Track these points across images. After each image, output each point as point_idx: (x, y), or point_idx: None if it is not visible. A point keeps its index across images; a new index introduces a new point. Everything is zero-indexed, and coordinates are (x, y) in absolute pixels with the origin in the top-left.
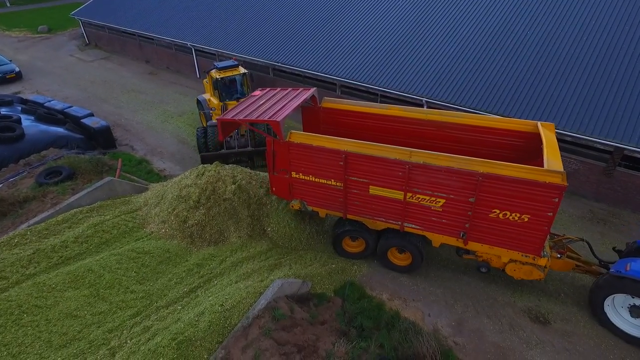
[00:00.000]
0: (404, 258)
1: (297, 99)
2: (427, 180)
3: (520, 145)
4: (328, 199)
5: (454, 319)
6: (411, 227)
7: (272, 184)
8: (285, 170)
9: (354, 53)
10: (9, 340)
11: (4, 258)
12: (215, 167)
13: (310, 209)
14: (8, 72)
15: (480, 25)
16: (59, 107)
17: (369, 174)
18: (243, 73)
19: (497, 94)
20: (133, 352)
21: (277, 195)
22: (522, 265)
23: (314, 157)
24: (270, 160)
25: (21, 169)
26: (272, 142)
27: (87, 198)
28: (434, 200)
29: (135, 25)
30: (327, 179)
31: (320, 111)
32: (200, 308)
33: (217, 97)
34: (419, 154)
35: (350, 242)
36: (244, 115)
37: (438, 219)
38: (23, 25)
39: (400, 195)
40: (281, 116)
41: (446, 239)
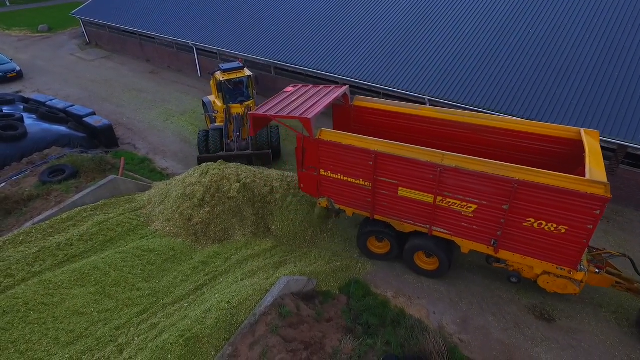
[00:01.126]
0: (430, 262)
1: (329, 96)
2: (459, 185)
3: (558, 152)
4: (356, 198)
5: (458, 317)
6: (440, 232)
7: (301, 181)
8: (314, 168)
9: (356, 51)
10: (17, 338)
11: (10, 256)
12: (219, 166)
13: (337, 207)
14: (9, 71)
15: (484, 23)
16: (61, 106)
17: (399, 175)
18: (248, 75)
19: (500, 91)
20: (141, 349)
21: (305, 192)
22: (557, 279)
23: (343, 155)
24: (299, 157)
25: (24, 168)
26: (302, 139)
27: (91, 196)
28: (465, 206)
29: (136, 24)
30: (356, 178)
31: (352, 110)
32: (206, 305)
33: (221, 99)
34: (451, 157)
35: (375, 243)
36: (276, 111)
37: (468, 225)
38: (23, 25)
39: (430, 198)
40: (312, 113)
41: (476, 246)
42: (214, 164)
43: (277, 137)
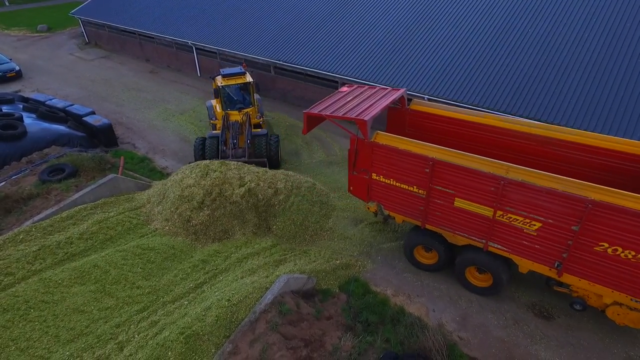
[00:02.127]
0: (483, 279)
1: (386, 98)
2: (523, 200)
3: (637, 171)
4: (407, 205)
5: (458, 314)
6: (496, 248)
7: (350, 183)
8: (366, 171)
9: (355, 51)
10: (17, 335)
11: (10, 254)
12: (220, 167)
13: (386, 213)
14: (8, 71)
15: (483, 22)
16: (61, 105)
17: (457, 185)
18: (249, 82)
19: (499, 90)
20: (141, 346)
21: (354, 195)
22: (629, 311)
23: (398, 160)
24: (351, 159)
25: (24, 167)
26: (356, 141)
27: (91, 195)
28: (529, 223)
29: (136, 23)
30: (410, 184)
31: (407, 113)
32: (207, 303)
33: (220, 105)
34: (517, 170)
35: (423, 252)
36: (331, 111)
37: (530, 244)
38: (22, 24)
39: (489, 212)
40: (369, 115)
41: (536, 267)
42: (215, 163)
43: (276, 146)
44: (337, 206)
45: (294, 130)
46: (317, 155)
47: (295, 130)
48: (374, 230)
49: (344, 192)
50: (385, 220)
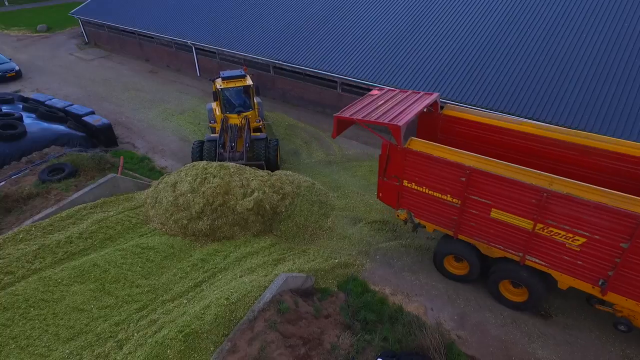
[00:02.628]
0: (518, 293)
1: (419, 103)
2: (567, 214)
3: None
4: (440, 214)
5: (456, 313)
6: (534, 262)
7: (380, 190)
8: (397, 178)
9: (354, 51)
10: (17, 334)
11: (10, 253)
12: (219, 172)
13: (417, 222)
14: (8, 71)
15: (481, 22)
16: (60, 105)
17: (494, 195)
18: (249, 85)
19: (497, 90)
20: (140, 344)
21: (383, 202)
22: None
23: (432, 168)
24: (382, 165)
25: (23, 167)
26: (388, 147)
27: (91, 195)
28: (572, 238)
29: (135, 23)
30: (443, 193)
31: (440, 118)
32: (205, 302)
33: (220, 108)
34: (561, 182)
35: (453, 262)
36: (362, 115)
37: (572, 259)
38: (22, 24)
39: (528, 224)
40: (403, 121)
41: (578, 283)
42: (213, 165)
43: (275, 150)
44: (336, 206)
45: (293, 130)
46: (316, 155)
47: (294, 130)
48: (373, 230)
49: (343, 192)
50: (415, 228)
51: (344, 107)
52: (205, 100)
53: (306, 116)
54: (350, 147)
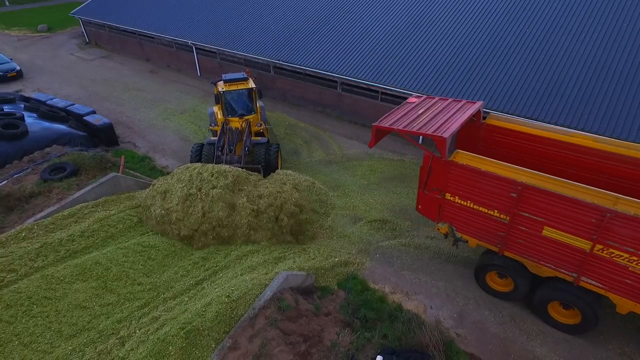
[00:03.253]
0: (569, 315)
1: (462, 112)
2: (633, 236)
3: None
4: (485, 230)
5: (455, 311)
6: (590, 284)
7: (420, 202)
8: (439, 191)
9: (354, 51)
10: (20, 331)
11: (12, 251)
12: (217, 180)
13: (459, 236)
14: (9, 71)
15: (481, 22)
16: (61, 105)
17: (548, 213)
18: (251, 88)
19: (496, 90)
20: (142, 341)
21: (422, 214)
22: None
23: (479, 182)
24: (423, 177)
25: (25, 166)
26: (431, 158)
27: (92, 193)
28: (636, 261)
29: (136, 23)
30: (490, 208)
31: (482, 128)
32: (207, 299)
33: (221, 111)
34: (628, 202)
35: (496, 279)
36: (403, 124)
37: (635, 283)
38: (23, 24)
39: (586, 245)
40: (448, 132)
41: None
42: (208, 170)
43: (276, 155)
44: (336, 205)
45: (293, 129)
46: (316, 154)
47: (294, 129)
48: (373, 229)
49: (342, 191)
50: (455, 242)
51: (344, 107)
52: (206, 100)
53: (306, 116)
54: (350, 147)
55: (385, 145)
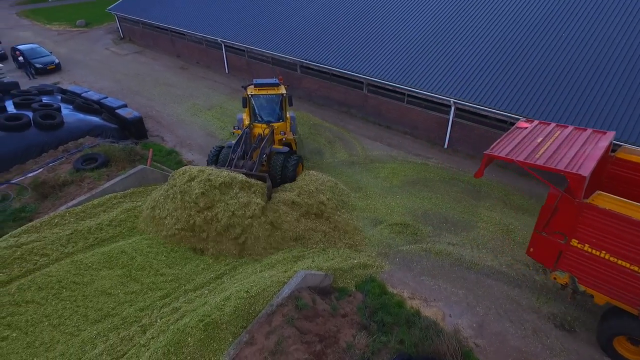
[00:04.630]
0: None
1: (593, 144)
2: None
3: None
4: (622, 287)
5: (475, 321)
6: None
7: (533, 244)
8: (563, 235)
9: (382, 53)
10: (50, 312)
11: (45, 236)
12: (218, 193)
13: (582, 289)
14: (49, 64)
15: (514, 25)
16: (95, 98)
17: None
18: (281, 94)
19: (529, 95)
20: (163, 330)
21: (533, 258)
22: None
23: (623, 231)
24: (544, 217)
25: (60, 155)
26: (559, 197)
27: (121, 184)
28: None
29: (168, 20)
30: (634, 263)
31: (610, 162)
32: (226, 293)
33: (248, 116)
34: None
35: (628, 345)
36: (522, 155)
37: None
38: (63, 19)
39: None
40: (587, 169)
41: None
42: (206, 175)
43: (294, 168)
44: (357, 206)
45: (317, 129)
46: (339, 155)
47: (318, 129)
48: (393, 232)
49: (364, 193)
50: (574, 295)
51: (369, 108)
52: (233, 98)
53: (331, 116)
54: (374, 148)
55: (409, 148)
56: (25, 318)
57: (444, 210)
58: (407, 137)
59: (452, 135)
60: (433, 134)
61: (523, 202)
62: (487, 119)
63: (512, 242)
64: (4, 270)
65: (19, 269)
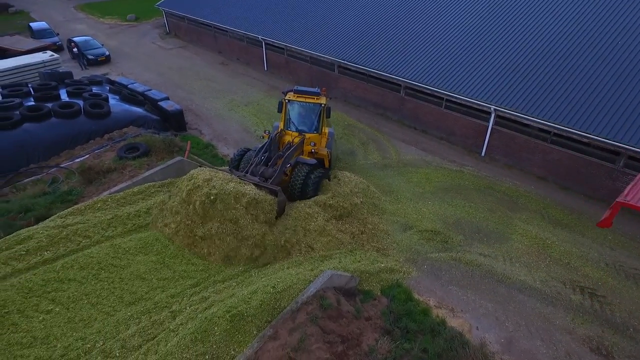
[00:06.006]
0: None
1: None
2: None
3: None
4: None
5: (503, 336)
6: None
7: None
8: None
9: (421, 56)
10: (89, 291)
11: (88, 219)
12: (223, 208)
13: None
14: (100, 55)
15: (563, 33)
16: (140, 90)
17: None
18: (320, 104)
19: (576, 105)
20: (191, 317)
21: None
22: None
23: None
24: None
25: (105, 143)
26: None
27: (160, 174)
28: None
29: (212, 17)
30: None
31: None
32: (253, 287)
33: (282, 122)
34: None
35: None
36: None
37: None
38: (115, 13)
39: None
40: None
41: None
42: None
43: (316, 185)
44: (388, 210)
45: (351, 130)
46: (372, 156)
47: (352, 130)
48: (423, 239)
49: (395, 197)
50: None
51: (405, 112)
52: (270, 95)
53: (366, 117)
54: (407, 152)
55: (445, 154)
56: (67, 295)
57: (477, 220)
58: (443, 143)
59: (491, 143)
60: (470, 141)
61: (563, 216)
62: (529, 128)
63: (549, 257)
64: (50, 249)
65: (64, 248)
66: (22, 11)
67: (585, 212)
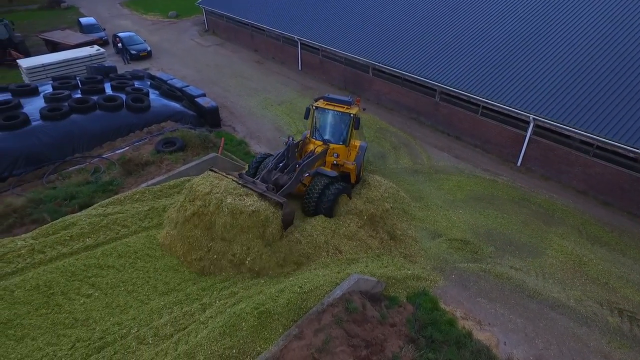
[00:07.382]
0: None
1: None
2: None
3: None
4: None
5: (532, 354)
6: None
7: None
8: None
9: (458, 61)
10: (126, 279)
11: (127, 210)
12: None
13: None
14: (141, 51)
15: (606, 43)
16: (179, 85)
17: None
18: (349, 114)
19: (623, 119)
20: (220, 311)
21: None
22: None
23: None
24: None
25: (144, 136)
26: None
27: (194, 169)
28: None
29: (249, 16)
30: None
31: None
32: (281, 286)
33: (309, 129)
34: None
35: None
36: None
37: None
38: (157, 10)
39: None
40: None
41: None
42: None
43: (333, 199)
44: (417, 216)
45: (383, 133)
46: (403, 161)
47: (384, 133)
48: (452, 248)
49: (425, 203)
50: None
51: (439, 117)
52: (303, 95)
53: (399, 121)
54: (440, 159)
55: (478, 162)
56: (106, 281)
57: (510, 232)
58: (477, 151)
59: (528, 153)
60: (506, 150)
61: (602, 233)
62: (570, 139)
63: (585, 275)
64: (92, 236)
65: (104, 236)
66: (72, 6)
67: (627, 230)
